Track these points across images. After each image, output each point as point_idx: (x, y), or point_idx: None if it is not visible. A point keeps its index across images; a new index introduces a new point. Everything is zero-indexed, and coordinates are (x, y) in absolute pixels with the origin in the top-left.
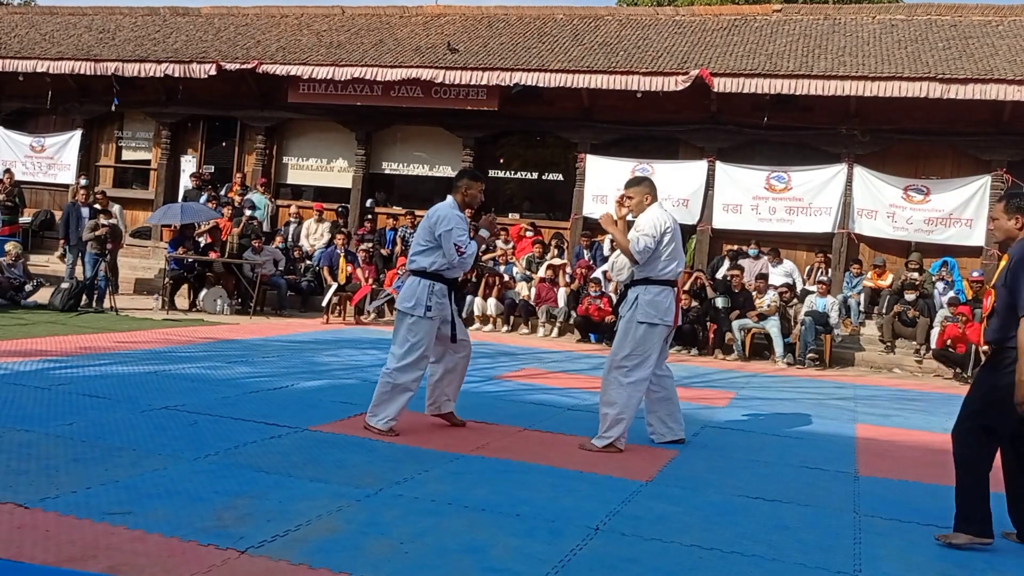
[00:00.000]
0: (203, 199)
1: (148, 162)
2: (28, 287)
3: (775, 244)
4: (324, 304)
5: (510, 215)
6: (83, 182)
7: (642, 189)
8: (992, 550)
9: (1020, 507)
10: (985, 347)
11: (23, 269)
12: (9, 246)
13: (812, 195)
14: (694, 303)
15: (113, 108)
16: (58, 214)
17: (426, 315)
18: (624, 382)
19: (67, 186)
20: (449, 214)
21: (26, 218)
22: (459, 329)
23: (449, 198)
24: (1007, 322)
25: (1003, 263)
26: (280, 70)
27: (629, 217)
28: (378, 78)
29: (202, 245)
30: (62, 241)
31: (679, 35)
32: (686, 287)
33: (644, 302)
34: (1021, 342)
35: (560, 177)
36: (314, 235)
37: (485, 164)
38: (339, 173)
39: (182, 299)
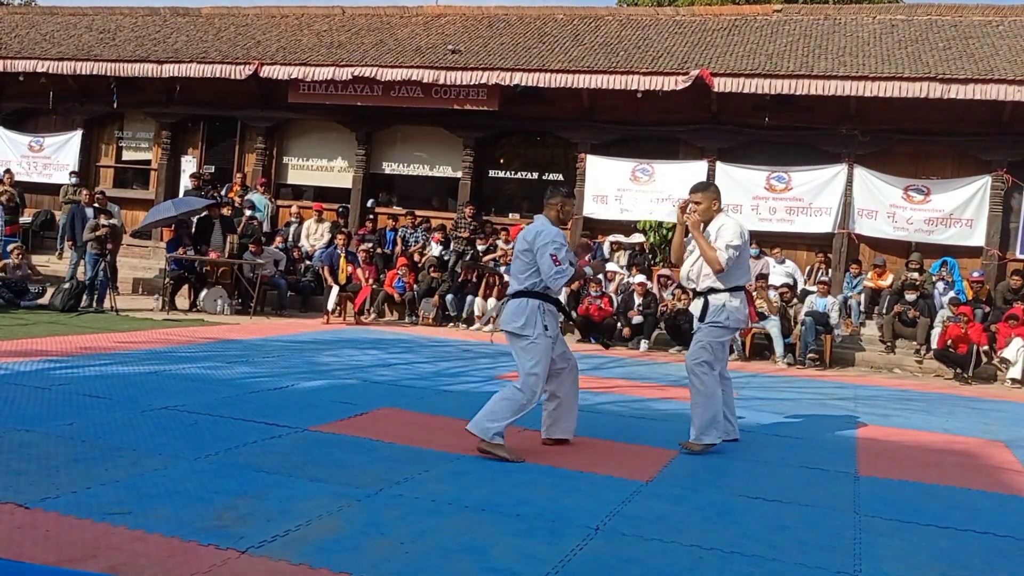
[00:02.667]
0: None
1: (148, 162)
2: (32, 290)
3: (775, 244)
4: (330, 307)
5: (510, 215)
6: (72, 180)
7: (710, 194)
8: (992, 550)
9: None
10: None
11: (27, 271)
12: (12, 247)
13: (812, 195)
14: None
15: (115, 106)
16: (58, 214)
17: (543, 335)
18: (710, 382)
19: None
20: (548, 228)
21: (26, 218)
22: (561, 342)
23: (541, 217)
24: None
25: None
26: (282, 72)
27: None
28: (378, 78)
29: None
30: (69, 243)
31: (679, 35)
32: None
33: (732, 308)
34: None
35: (560, 177)
36: (314, 235)
37: (485, 164)
38: (339, 173)
39: (182, 299)
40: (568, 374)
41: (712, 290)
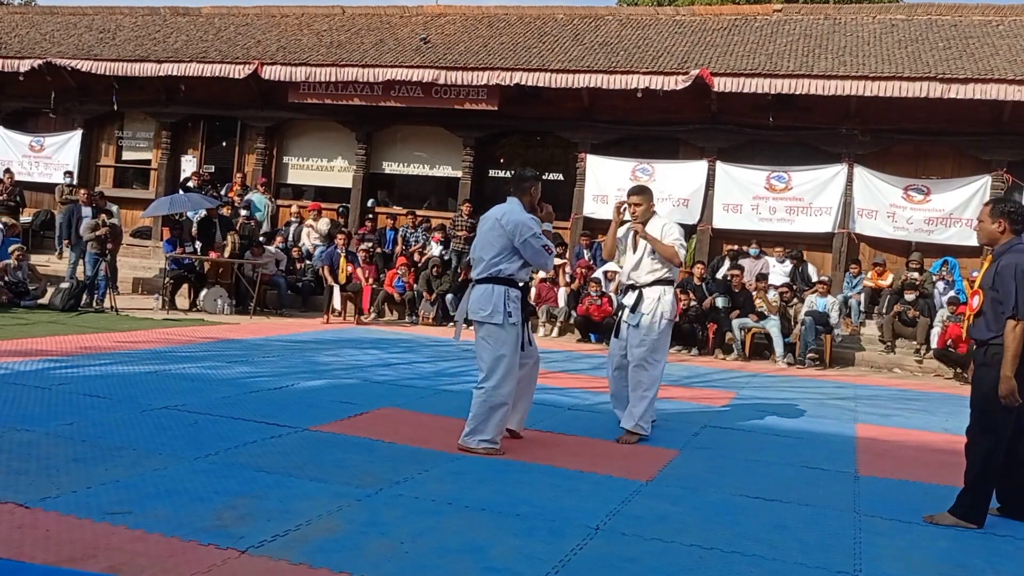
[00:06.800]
0: None
1: (148, 162)
2: (33, 289)
3: (775, 244)
4: (336, 307)
5: None
6: (67, 180)
7: (648, 197)
8: (992, 550)
9: (1005, 485)
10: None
11: (27, 272)
12: (12, 248)
13: (812, 195)
14: (692, 302)
15: (115, 107)
16: (58, 214)
17: (508, 322)
18: (656, 374)
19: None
20: (526, 218)
21: (26, 218)
22: (528, 335)
23: (515, 200)
24: (993, 321)
25: (987, 264)
26: (282, 72)
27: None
28: (378, 78)
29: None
30: (66, 242)
31: (679, 35)
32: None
33: (667, 301)
34: (1008, 341)
35: (560, 177)
36: (314, 235)
37: (485, 164)
38: (339, 173)
39: (182, 299)
40: (532, 368)
41: (654, 282)
